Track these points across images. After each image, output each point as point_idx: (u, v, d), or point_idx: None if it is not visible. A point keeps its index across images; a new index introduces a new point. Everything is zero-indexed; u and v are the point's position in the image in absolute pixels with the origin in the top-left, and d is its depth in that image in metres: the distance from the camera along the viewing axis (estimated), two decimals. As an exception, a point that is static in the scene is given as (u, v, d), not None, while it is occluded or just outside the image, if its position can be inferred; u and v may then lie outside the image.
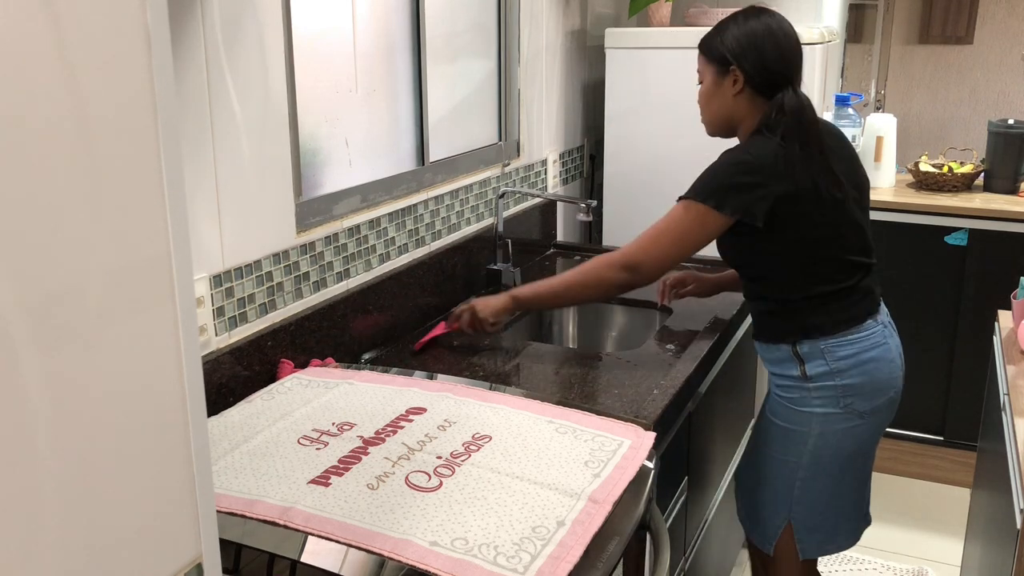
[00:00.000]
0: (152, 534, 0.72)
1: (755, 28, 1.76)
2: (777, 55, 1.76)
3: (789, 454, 1.86)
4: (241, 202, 1.58)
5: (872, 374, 1.81)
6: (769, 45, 1.75)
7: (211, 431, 1.39)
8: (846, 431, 1.82)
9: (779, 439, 1.88)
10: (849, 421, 1.82)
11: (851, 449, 1.85)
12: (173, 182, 0.70)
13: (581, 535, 1.18)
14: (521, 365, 1.87)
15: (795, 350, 1.80)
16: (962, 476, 3.16)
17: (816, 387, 1.80)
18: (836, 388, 1.80)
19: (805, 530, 1.91)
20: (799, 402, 1.83)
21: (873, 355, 1.81)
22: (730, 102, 1.79)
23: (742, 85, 1.76)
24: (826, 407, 1.81)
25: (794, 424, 1.84)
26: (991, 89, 4.96)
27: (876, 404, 1.83)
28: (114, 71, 0.65)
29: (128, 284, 0.67)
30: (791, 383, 1.83)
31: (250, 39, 1.55)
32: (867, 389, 1.81)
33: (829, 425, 1.82)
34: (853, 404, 1.80)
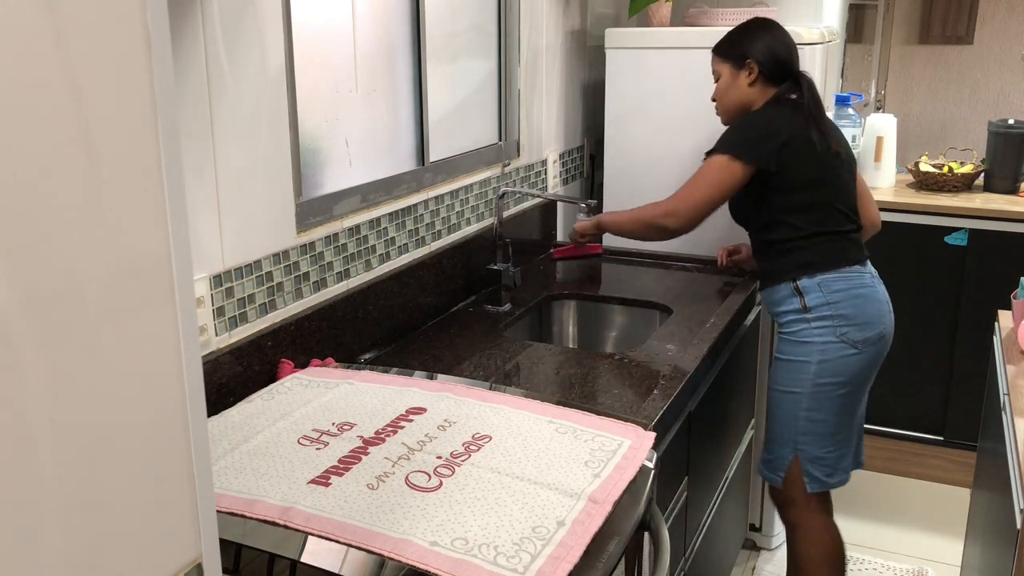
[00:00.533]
0: (152, 534, 0.72)
1: (760, 29, 2.19)
2: (783, 50, 2.16)
3: (793, 384, 2.14)
4: (241, 202, 1.58)
5: (863, 307, 2.11)
6: (777, 42, 2.16)
7: (211, 431, 1.39)
8: (843, 360, 2.10)
9: (784, 372, 2.16)
10: (845, 350, 2.10)
11: (847, 378, 2.12)
12: (173, 182, 0.70)
13: (581, 535, 1.18)
14: (521, 365, 1.87)
15: (796, 285, 2.12)
16: (962, 476, 3.16)
17: (815, 317, 2.10)
18: (832, 318, 2.09)
19: (810, 461, 2.17)
20: (800, 334, 2.12)
21: (863, 292, 2.12)
22: (745, 90, 2.18)
23: (756, 75, 2.15)
24: (824, 336, 2.10)
25: (797, 355, 2.13)
26: (991, 89, 4.95)
27: (868, 336, 2.11)
28: (114, 71, 0.65)
29: (128, 284, 0.67)
30: (793, 317, 2.13)
31: (250, 39, 1.55)
32: (859, 320, 2.10)
33: (828, 354, 2.10)
34: (848, 334, 2.09)
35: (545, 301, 2.38)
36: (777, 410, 2.20)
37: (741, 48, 2.16)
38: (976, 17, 4.87)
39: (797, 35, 2.53)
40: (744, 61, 2.16)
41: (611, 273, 2.58)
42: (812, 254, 2.12)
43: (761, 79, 2.15)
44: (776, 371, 2.20)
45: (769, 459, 2.24)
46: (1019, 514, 1.52)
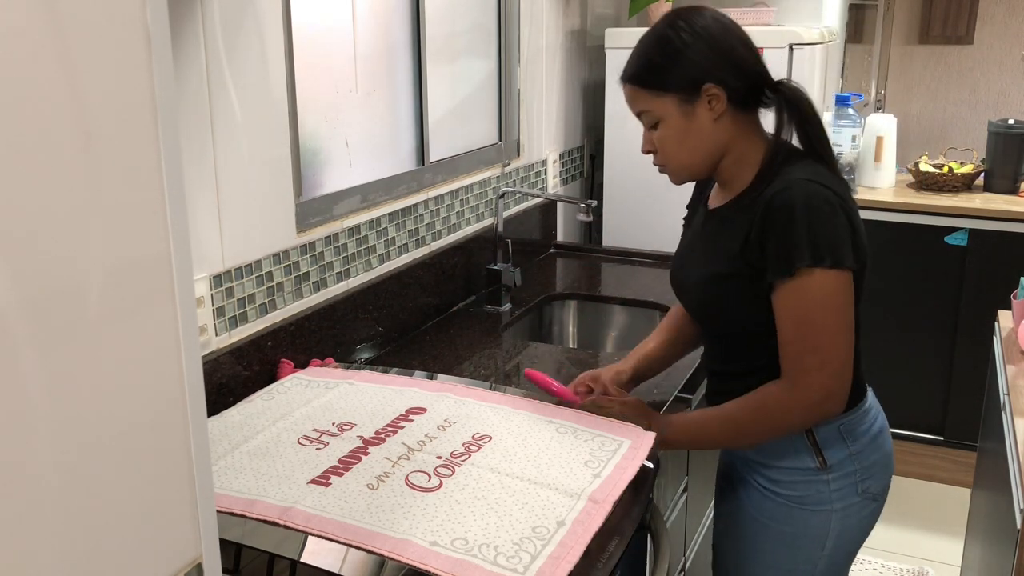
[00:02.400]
0: (152, 534, 0.72)
1: (705, 28, 1.37)
2: (745, 51, 1.39)
3: (799, 561, 1.51)
4: (241, 202, 1.58)
5: (883, 447, 1.52)
6: (735, 41, 1.38)
7: (211, 431, 1.39)
8: (863, 521, 1.51)
9: (786, 546, 1.51)
10: (866, 507, 1.50)
11: (862, 538, 1.55)
12: (173, 182, 0.70)
13: (581, 535, 1.18)
14: (521, 365, 1.87)
15: (811, 437, 1.44)
16: (962, 476, 3.16)
17: (835, 476, 1.46)
18: (856, 473, 1.47)
19: None
20: (812, 499, 1.47)
21: (881, 423, 1.53)
22: (709, 132, 1.39)
23: (723, 106, 1.37)
24: (845, 498, 1.47)
25: (809, 528, 1.49)
26: (991, 89, 4.95)
27: (887, 481, 1.54)
28: (114, 71, 0.65)
29: (128, 284, 0.67)
30: (801, 478, 1.47)
31: (250, 39, 1.55)
32: (881, 464, 1.51)
33: (849, 519, 1.49)
34: (870, 488, 1.49)
35: (545, 301, 2.38)
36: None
37: (685, 68, 1.36)
38: (976, 17, 4.87)
39: (797, 35, 2.53)
40: (698, 87, 1.36)
41: (611, 273, 2.58)
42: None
43: (731, 107, 1.38)
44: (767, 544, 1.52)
45: None
46: (1019, 514, 1.52)
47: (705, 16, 1.39)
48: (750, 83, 1.39)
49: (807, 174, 1.34)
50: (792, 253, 1.30)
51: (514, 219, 2.50)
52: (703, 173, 1.46)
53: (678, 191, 1.72)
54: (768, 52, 1.99)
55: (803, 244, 1.29)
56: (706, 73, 1.36)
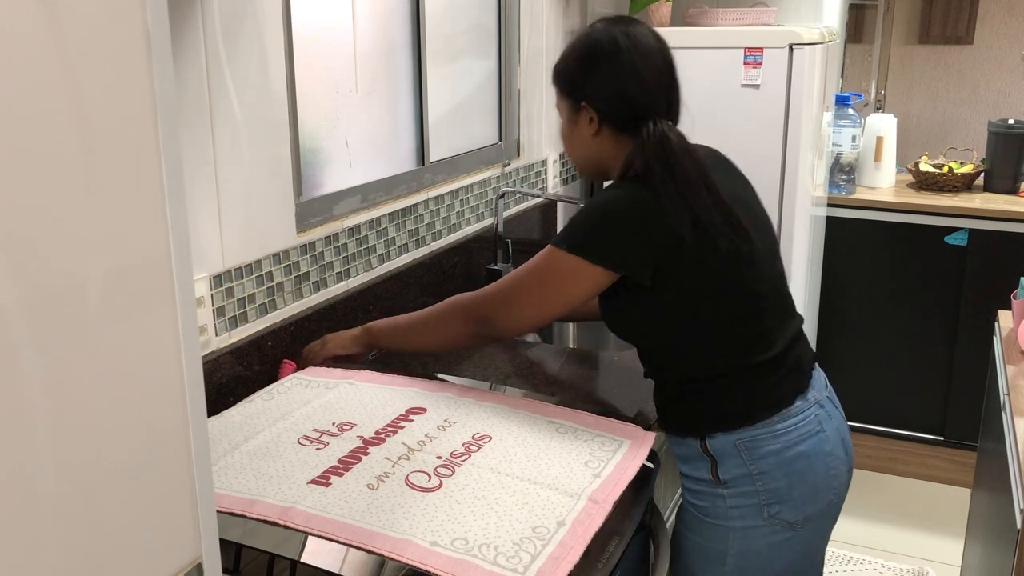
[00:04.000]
0: (152, 534, 0.72)
1: (599, 47, 1.43)
2: (632, 81, 1.41)
3: (708, 573, 1.50)
4: (241, 202, 1.58)
5: (803, 474, 1.42)
6: (622, 69, 1.41)
7: (211, 431, 1.39)
8: (772, 547, 1.44)
9: (694, 556, 1.50)
10: (776, 535, 1.43)
11: (780, 567, 1.47)
12: (173, 182, 0.70)
13: (581, 535, 1.18)
14: (521, 365, 1.87)
15: (703, 445, 1.43)
16: (962, 476, 3.16)
17: (732, 493, 1.43)
18: (757, 494, 1.42)
19: None
20: (711, 512, 1.46)
21: (803, 449, 1.42)
22: (589, 143, 1.46)
23: (597, 125, 1.44)
24: (745, 518, 1.43)
25: (708, 540, 1.47)
26: (991, 89, 4.95)
27: (809, 512, 1.44)
28: (114, 71, 0.65)
29: (128, 284, 0.67)
30: (702, 487, 1.46)
31: (250, 39, 1.55)
32: (796, 494, 1.42)
33: (750, 542, 1.44)
34: (780, 514, 1.42)
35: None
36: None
37: (575, 81, 1.45)
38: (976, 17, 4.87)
39: (797, 35, 2.53)
40: (578, 103, 1.45)
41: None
42: (727, 401, 1.42)
43: (607, 128, 1.44)
44: (684, 554, 1.52)
45: None
46: (1019, 514, 1.52)
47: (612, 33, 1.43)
48: (628, 114, 1.42)
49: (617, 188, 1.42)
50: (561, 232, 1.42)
51: (514, 219, 2.50)
52: (588, 174, 1.55)
53: None
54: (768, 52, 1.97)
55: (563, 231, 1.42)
56: (587, 95, 1.44)
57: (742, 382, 1.42)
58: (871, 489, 3.17)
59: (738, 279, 1.41)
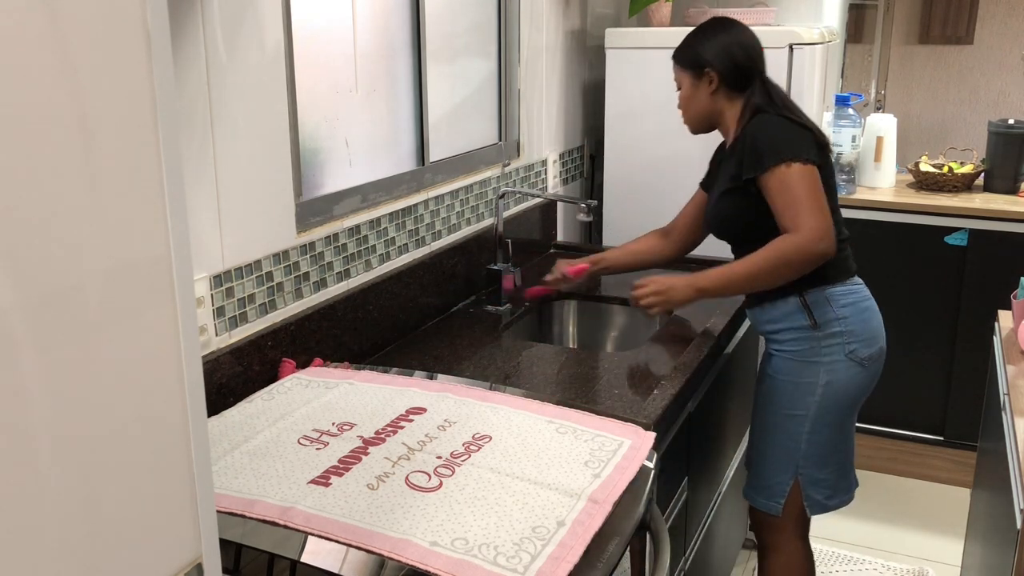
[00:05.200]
0: (152, 534, 0.72)
1: (719, 33, 1.99)
2: (742, 53, 1.97)
3: (796, 407, 1.97)
4: (241, 202, 1.58)
5: (869, 321, 1.97)
6: (735, 46, 1.97)
7: (211, 431, 1.39)
8: (850, 379, 1.95)
9: (787, 395, 1.98)
10: (851, 369, 1.95)
11: (852, 398, 1.98)
12: (173, 182, 0.70)
13: (581, 535, 1.18)
14: (521, 365, 1.87)
15: (803, 299, 1.93)
16: (962, 476, 3.16)
17: (824, 335, 1.93)
18: (842, 335, 1.93)
19: (811, 484, 2.02)
20: (808, 353, 1.95)
21: (868, 304, 1.99)
22: (707, 101, 1.99)
23: (717, 84, 1.96)
24: (832, 355, 1.94)
25: (803, 377, 1.96)
26: (991, 89, 4.95)
27: (872, 352, 1.97)
28: (114, 71, 0.64)
29: (128, 284, 0.67)
30: (799, 335, 1.95)
31: (250, 39, 1.55)
32: (866, 335, 1.96)
33: (835, 373, 1.94)
34: (857, 351, 1.94)
35: (545, 301, 2.37)
36: (778, 434, 2.02)
37: (697, 55, 1.97)
38: (976, 17, 4.87)
39: (797, 35, 2.53)
40: (702, 70, 1.97)
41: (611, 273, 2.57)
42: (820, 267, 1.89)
43: (723, 88, 1.97)
44: (775, 393, 2.01)
45: (766, 486, 2.06)
46: (1019, 514, 1.52)
47: (725, 26, 2.01)
48: (739, 74, 1.97)
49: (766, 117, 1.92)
50: (763, 156, 1.86)
51: (514, 219, 2.50)
52: (702, 128, 2.05)
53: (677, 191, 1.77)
54: (768, 52, 2.03)
55: (767, 150, 1.86)
56: (708, 63, 1.96)
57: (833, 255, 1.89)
58: (871, 489, 3.17)
59: (829, 177, 1.94)
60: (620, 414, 1.54)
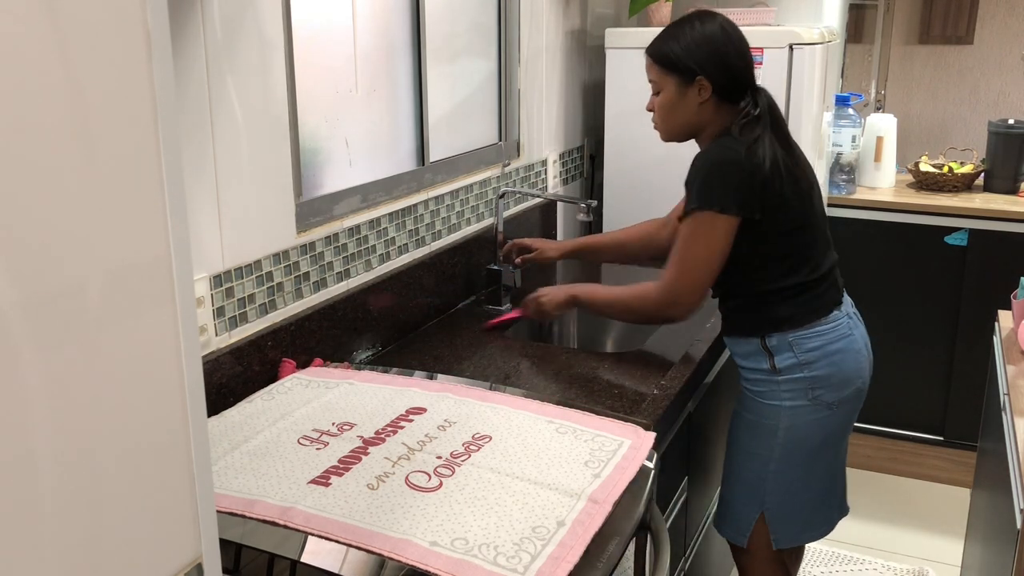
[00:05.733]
0: (152, 534, 0.72)
1: (712, 33, 1.78)
2: (738, 60, 1.79)
3: (760, 447, 1.89)
4: (241, 202, 1.58)
5: (839, 365, 1.84)
6: (731, 50, 1.79)
7: (211, 431, 1.39)
8: (814, 422, 1.86)
9: (748, 432, 1.91)
10: (817, 412, 1.85)
11: (820, 439, 1.88)
12: (173, 182, 0.70)
13: (581, 535, 1.18)
14: (521, 365, 1.87)
15: (764, 343, 1.83)
16: (962, 476, 3.16)
17: (785, 380, 1.83)
18: (804, 380, 1.83)
19: (778, 520, 1.93)
20: (768, 395, 1.86)
21: (840, 346, 1.84)
22: (694, 111, 1.80)
23: (709, 94, 1.78)
24: (795, 399, 1.84)
25: (763, 417, 1.87)
26: (991, 89, 4.95)
27: (843, 395, 1.86)
28: (114, 71, 0.65)
29: (128, 284, 0.67)
30: (760, 376, 1.86)
31: (250, 39, 1.55)
32: (834, 380, 1.84)
33: (798, 417, 1.85)
34: (821, 396, 1.83)
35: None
36: (742, 471, 1.94)
37: (688, 61, 1.77)
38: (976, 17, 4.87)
39: (797, 35, 2.53)
40: (694, 77, 1.77)
41: (611, 273, 2.57)
42: (785, 309, 1.81)
43: (715, 98, 1.78)
44: (739, 430, 1.93)
45: (733, 518, 1.98)
46: (1019, 514, 1.52)
47: (715, 22, 1.80)
48: (734, 84, 1.79)
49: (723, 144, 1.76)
50: (692, 197, 1.76)
51: (514, 219, 2.50)
52: (678, 139, 1.88)
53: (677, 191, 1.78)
54: (768, 52, 2.01)
55: (695, 191, 1.75)
56: (701, 69, 1.77)
57: (796, 295, 1.82)
58: (871, 489, 3.17)
59: (801, 213, 1.81)
60: (620, 414, 1.54)
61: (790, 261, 1.81)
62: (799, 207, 1.80)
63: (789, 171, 1.76)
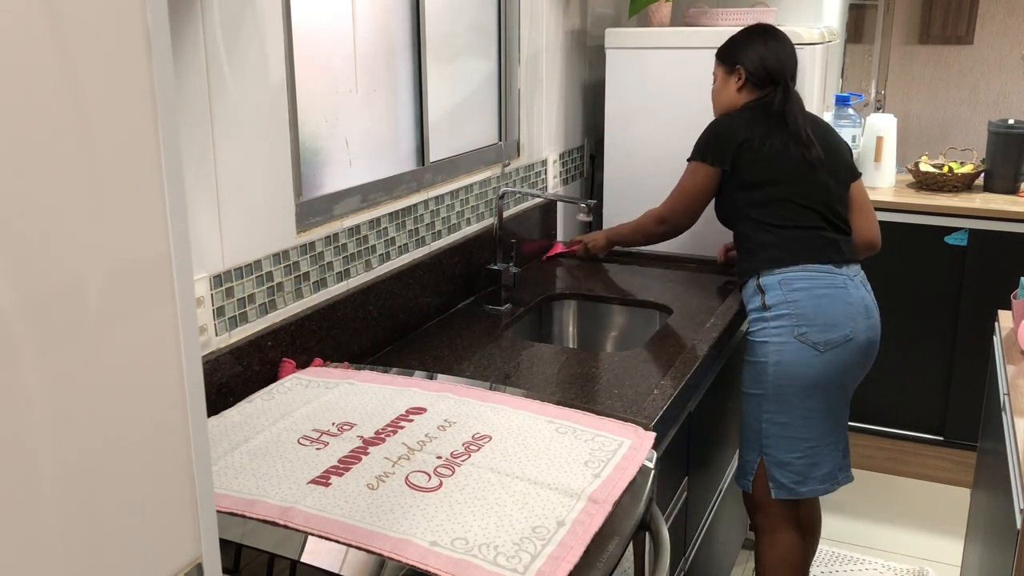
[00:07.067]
0: (152, 534, 0.72)
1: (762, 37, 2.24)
2: (774, 60, 2.21)
3: (755, 385, 2.10)
4: (241, 202, 1.58)
5: (824, 308, 2.04)
6: (770, 51, 2.21)
7: (211, 431, 1.39)
8: (802, 361, 2.03)
9: (747, 373, 2.13)
10: (804, 352, 2.03)
11: (809, 381, 2.04)
12: (173, 182, 0.70)
13: (581, 535, 1.18)
14: (521, 365, 1.87)
15: (758, 282, 2.11)
16: (962, 476, 3.16)
17: (772, 316, 2.06)
18: (791, 317, 2.04)
19: (775, 466, 2.10)
20: (759, 333, 2.09)
21: (828, 292, 2.06)
22: (732, 94, 2.26)
23: (743, 81, 2.23)
24: (781, 335, 2.05)
25: (756, 356, 2.09)
26: (991, 89, 4.95)
27: (830, 337, 2.03)
28: (114, 71, 0.65)
29: (128, 284, 0.67)
30: (755, 315, 2.10)
31: (250, 39, 1.55)
32: (820, 321, 2.03)
33: (785, 354, 2.04)
34: (807, 334, 2.03)
35: (545, 301, 2.38)
36: (744, 413, 2.15)
37: (734, 54, 2.24)
38: (976, 17, 4.87)
39: (797, 35, 2.53)
40: (734, 67, 2.24)
41: (611, 273, 2.58)
42: (778, 250, 2.11)
43: (748, 85, 2.22)
44: (742, 374, 2.16)
45: (740, 463, 2.19)
46: (1019, 514, 1.52)
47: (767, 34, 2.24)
48: (766, 76, 2.22)
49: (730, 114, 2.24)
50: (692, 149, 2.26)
51: (514, 219, 2.50)
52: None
53: None
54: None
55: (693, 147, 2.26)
56: (741, 60, 2.23)
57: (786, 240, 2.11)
58: (871, 489, 3.17)
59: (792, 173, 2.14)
60: (620, 414, 1.54)
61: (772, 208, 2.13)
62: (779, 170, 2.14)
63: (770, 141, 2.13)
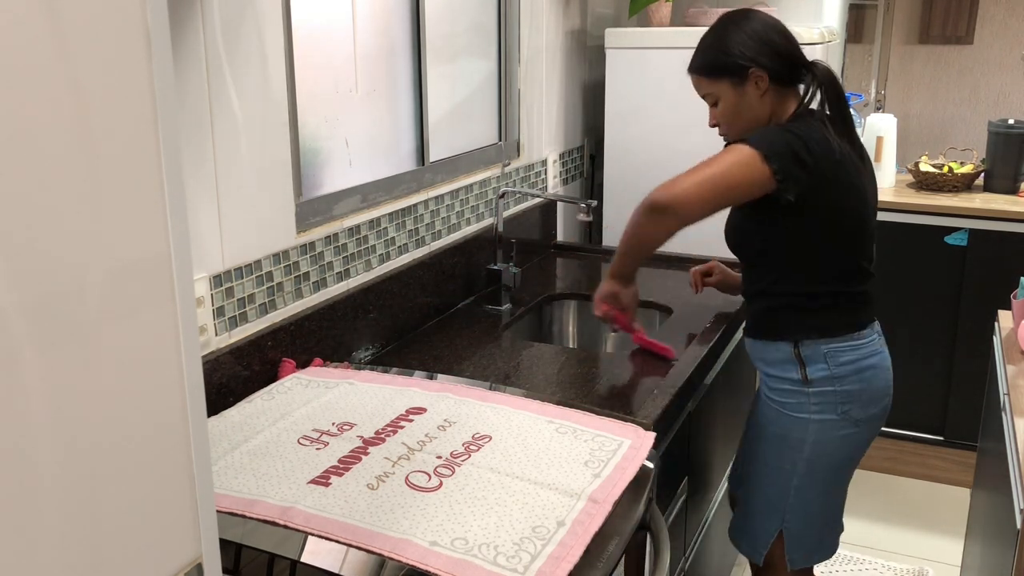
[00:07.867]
0: (152, 534, 0.72)
1: (746, 25, 1.75)
2: (780, 39, 1.75)
3: (784, 461, 1.84)
4: (241, 202, 1.58)
5: (870, 381, 1.79)
6: (771, 33, 1.74)
7: (211, 431, 1.39)
8: (842, 439, 1.80)
9: (774, 448, 1.85)
10: (845, 428, 1.79)
11: (844, 457, 1.84)
12: (173, 182, 0.70)
13: (581, 535, 1.18)
14: (521, 365, 1.87)
15: (796, 351, 1.76)
16: (962, 476, 3.16)
17: (815, 392, 1.77)
18: (836, 394, 1.77)
19: (795, 539, 1.89)
20: (796, 408, 1.80)
21: (872, 362, 1.79)
22: (758, 104, 1.75)
23: (767, 83, 1.73)
24: (823, 413, 1.78)
25: (791, 432, 1.81)
26: (991, 89, 4.95)
27: (871, 412, 1.81)
28: (114, 71, 0.64)
29: (128, 284, 0.67)
30: (789, 387, 1.80)
31: (250, 39, 1.55)
32: (864, 397, 1.79)
33: (825, 433, 1.79)
34: (850, 411, 1.78)
35: (545, 301, 2.38)
36: (765, 485, 1.89)
37: (733, 58, 1.73)
38: (976, 17, 4.87)
39: (797, 35, 2.53)
40: (746, 72, 1.72)
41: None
42: (822, 316, 1.76)
43: (774, 86, 1.74)
44: (763, 443, 1.87)
45: (751, 533, 1.95)
46: (1019, 514, 1.52)
47: (749, 15, 1.76)
48: (787, 65, 1.75)
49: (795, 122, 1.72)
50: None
51: (514, 219, 2.50)
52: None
53: None
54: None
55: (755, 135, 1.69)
56: (751, 61, 1.72)
57: (835, 304, 1.76)
58: (871, 489, 3.17)
59: (854, 222, 1.75)
60: (620, 414, 1.54)
61: (833, 267, 1.75)
62: (852, 216, 1.73)
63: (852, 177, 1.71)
